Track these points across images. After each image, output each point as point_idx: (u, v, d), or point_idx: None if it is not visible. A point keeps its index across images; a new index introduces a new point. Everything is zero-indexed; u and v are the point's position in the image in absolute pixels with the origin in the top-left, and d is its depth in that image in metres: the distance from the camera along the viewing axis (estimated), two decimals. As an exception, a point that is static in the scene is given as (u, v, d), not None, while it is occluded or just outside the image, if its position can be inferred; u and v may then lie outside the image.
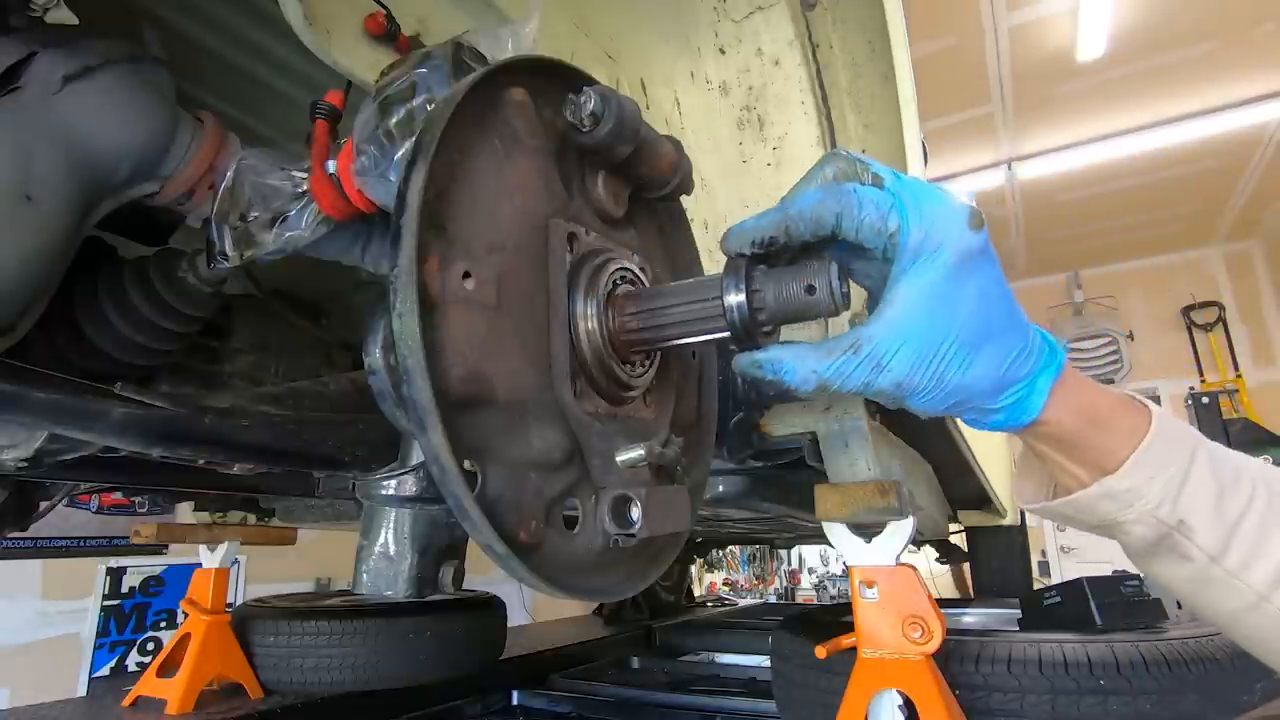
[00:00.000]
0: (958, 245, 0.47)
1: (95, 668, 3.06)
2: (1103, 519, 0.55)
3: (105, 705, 2.02)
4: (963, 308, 0.48)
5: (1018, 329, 0.50)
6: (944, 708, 0.97)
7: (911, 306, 0.47)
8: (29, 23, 0.67)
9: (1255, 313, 7.42)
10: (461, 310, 0.47)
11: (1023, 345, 0.50)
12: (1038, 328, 0.53)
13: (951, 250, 0.47)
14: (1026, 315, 0.52)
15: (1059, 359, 0.52)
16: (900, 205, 0.47)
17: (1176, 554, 0.53)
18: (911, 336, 0.47)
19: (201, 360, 1.06)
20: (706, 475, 0.77)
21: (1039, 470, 0.63)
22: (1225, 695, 1.18)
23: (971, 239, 0.47)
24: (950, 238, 0.47)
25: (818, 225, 0.48)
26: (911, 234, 0.47)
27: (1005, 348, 0.50)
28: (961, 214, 0.47)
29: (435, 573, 0.69)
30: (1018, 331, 0.50)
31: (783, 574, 7.70)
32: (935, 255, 0.47)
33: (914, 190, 0.48)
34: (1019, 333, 0.50)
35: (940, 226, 0.47)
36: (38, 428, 0.77)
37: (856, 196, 0.47)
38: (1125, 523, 0.54)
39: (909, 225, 0.47)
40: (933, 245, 0.47)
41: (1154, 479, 0.52)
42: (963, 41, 4.73)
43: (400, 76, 0.64)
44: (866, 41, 1.20)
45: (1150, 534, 0.53)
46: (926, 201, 0.48)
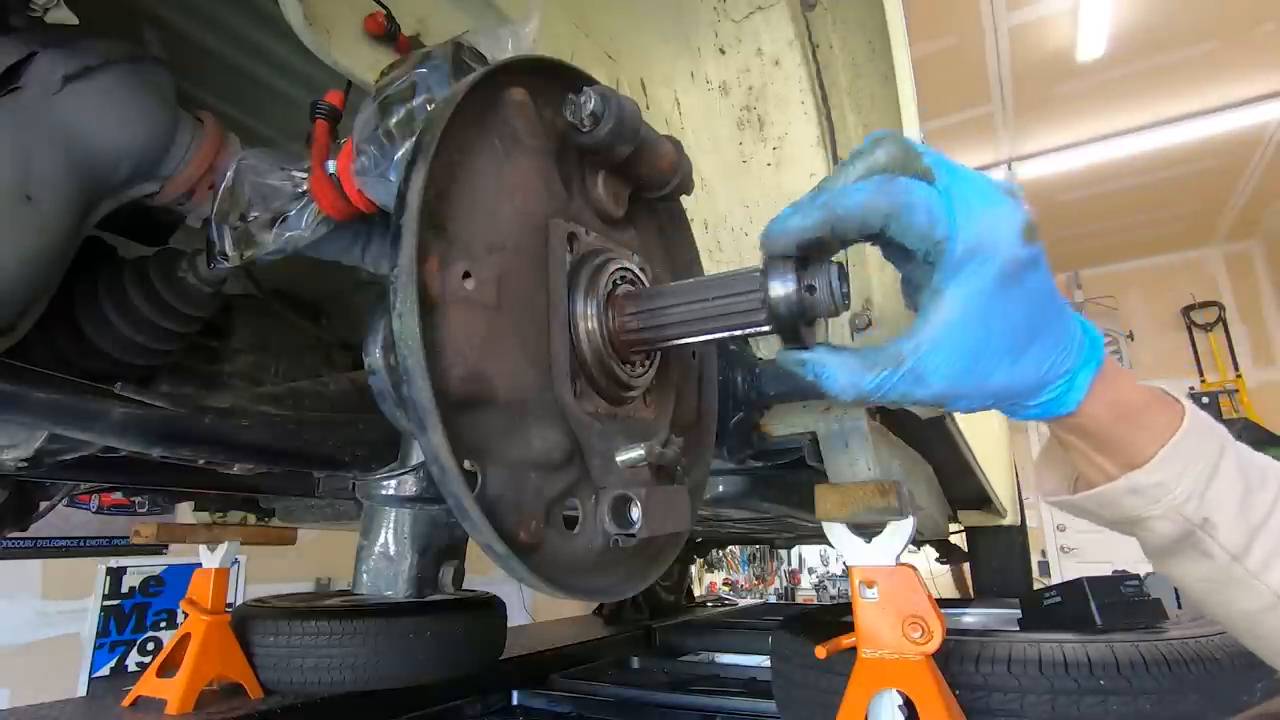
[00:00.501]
0: (1007, 256, 0.44)
1: (95, 668, 3.06)
2: (1126, 514, 0.54)
3: (105, 705, 2.02)
4: (1009, 317, 0.45)
5: (1062, 326, 0.48)
6: (944, 708, 0.97)
7: (956, 321, 0.44)
8: (29, 23, 0.67)
9: (1255, 313, 7.42)
10: (461, 310, 0.47)
11: (1066, 343, 0.49)
12: (1079, 317, 0.51)
13: (1000, 262, 0.44)
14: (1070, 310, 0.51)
15: (1099, 354, 0.50)
16: (950, 210, 0.44)
17: (1198, 551, 0.53)
18: (955, 351, 0.45)
19: (201, 360, 1.06)
20: (706, 475, 0.77)
21: (1062, 461, 0.61)
22: (1225, 695, 1.18)
23: (1023, 251, 0.44)
24: (1000, 249, 0.44)
25: (865, 226, 0.45)
26: (959, 244, 0.44)
27: (1049, 348, 0.48)
28: (1016, 223, 0.44)
29: (435, 573, 0.69)
30: (1062, 329, 0.49)
31: (783, 574, 7.70)
32: (983, 266, 0.44)
33: (966, 190, 0.45)
34: (1063, 330, 0.49)
35: (991, 235, 0.44)
36: (38, 428, 0.77)
37: (907, 198, 0.44)
38: (1149, 519, 0.53)
39: (957, 233, 0.44)
40: (981, 256, 0.44)
41: (1183, 474, 0.51)
42: (963, 41, 4.73)
43: (400, 76, 0.65)
44: (866, 41, 1.20)
45: (1173, 530, 0.53)
46: (979, 204, 0.44)
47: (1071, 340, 0.49)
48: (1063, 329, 0.49)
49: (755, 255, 1.36)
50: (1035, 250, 0.44)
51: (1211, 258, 7.69)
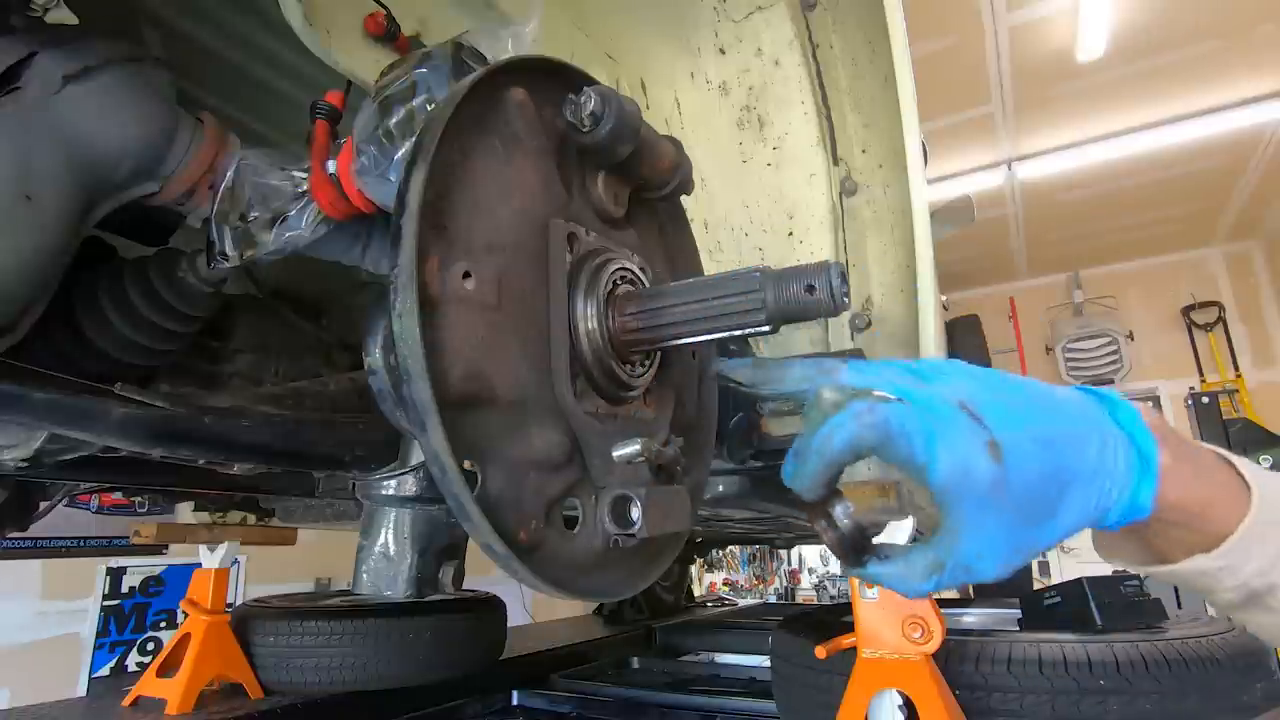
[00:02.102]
0: (983, 478, 0.44)
1: (95, 668, 3.06)
2: (1194, 588, 0.55)
3: (105, 705, 2.02)
4: (1020, 503, 0.46)
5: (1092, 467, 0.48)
6: (944, 708, 0.97)
7: (970, 531, 0.45)
8: (29, 23, 0.68)
9: (1255, 313, 7.41)
10: (461, 310, 0.47)
11: (1104, 477, 0.48)
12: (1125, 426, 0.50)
13: (979, 483, 0.44)
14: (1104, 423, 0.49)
15: (1152, 470, 0.49)
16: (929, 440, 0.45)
17: (1264, 607, 0.54)
18: (987, 547, 0.46)
19: (201, 360, 1.06)
20: (706, 475, 0.77)
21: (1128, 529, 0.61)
22: (1225, 695, 1.18)
23: (996, 470, 0.44)
24: (976, 473, 0.44)
25: (856, 458, 0.47)
26: (939, 472, 0.44)
27: (1085, 493, 0.48)
28: (980, 449, 0.45)
29: (435, 573, 0.69)
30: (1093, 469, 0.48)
31: (783, 574, 7.70)
32: (967, 482, 0.44)
33: (934, 421, 0.45)
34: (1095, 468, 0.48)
35: (964, 464, 0.44)
36: (38, 428, 0.77)
37: (886, 431, 0.45)
38: (1216, 590, 0.54)
39: (935, 463, 0.45)
40: (961, 479, 0.44)
41: (1249, 557, 0.51)
42: (963, 41, 4.73)
43: (400, 76, 0.65)
44: (866, 42, 1.20)
45: (1240, 597, 0.54)
46: (947, 432, 0.45)
47: (1111, 470, 0.48)
48: (1095, 469, 0.48)
49: (755, 255, 1.37)
50: (1002, 470, 0.45)
51: (1211, 258, 7.68)
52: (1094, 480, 0.48)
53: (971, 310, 7.02)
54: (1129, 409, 0.51)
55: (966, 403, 0.46)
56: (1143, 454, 0.49)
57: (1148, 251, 7.76)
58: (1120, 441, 0.49)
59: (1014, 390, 0.49)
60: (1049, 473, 0.46)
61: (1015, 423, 0.46)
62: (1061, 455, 0.47)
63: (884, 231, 1.24)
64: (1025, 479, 0.45)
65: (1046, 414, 0.48)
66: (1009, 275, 8.37)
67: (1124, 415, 0.51)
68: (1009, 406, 0.47)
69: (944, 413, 0.45)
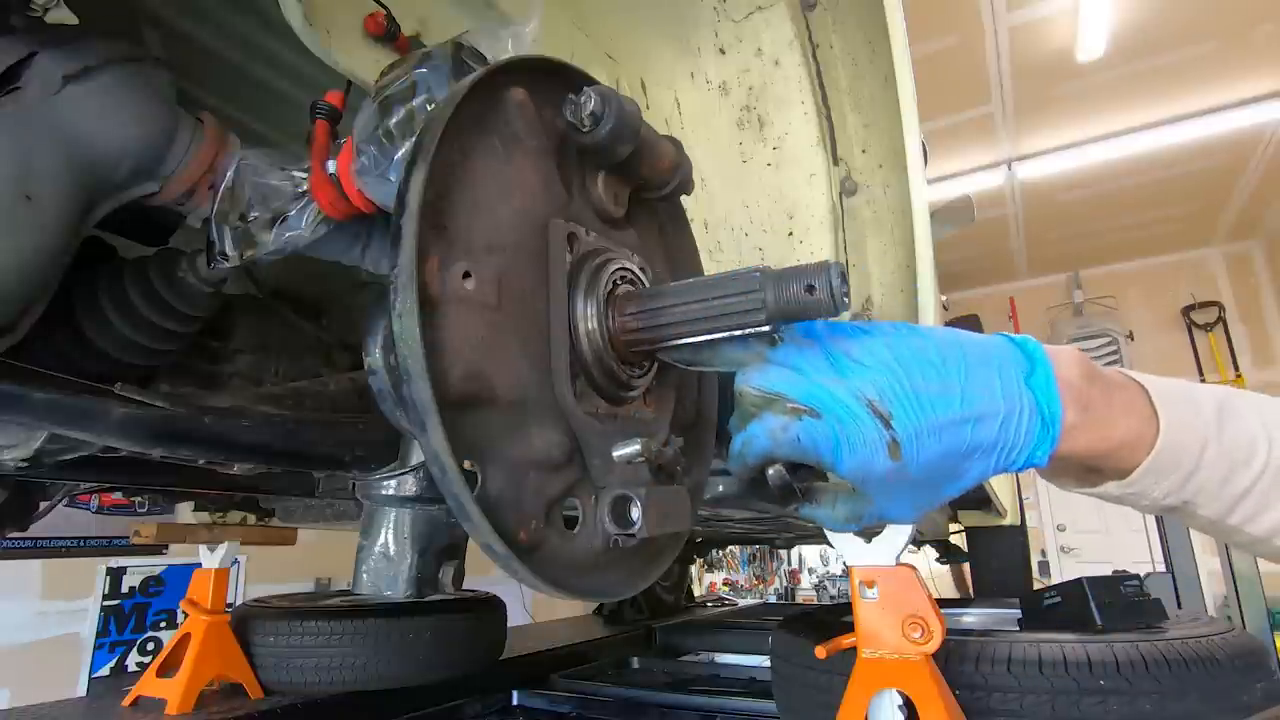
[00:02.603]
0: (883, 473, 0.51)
1: (95, 668, 3.06)
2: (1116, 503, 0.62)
3: (105, 705, 2.02)
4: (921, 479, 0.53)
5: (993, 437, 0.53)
6: (944, 708, 0.97)
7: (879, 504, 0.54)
8: (29, 23, 0.68)
9: (1255, 313, 7.41)
10: (461, 310, 0.47)
11: (1005, 451, 0.54)
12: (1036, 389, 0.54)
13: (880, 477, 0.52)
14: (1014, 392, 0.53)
15: (1052, 435, 0.54)
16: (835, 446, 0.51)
17: (1182, 515, 0.60)
18: (899, 510, 0.55)
19: (201, 360, 1.06)
20: (706, 475, 0.77)
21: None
22: (1225, 695, 1.18)
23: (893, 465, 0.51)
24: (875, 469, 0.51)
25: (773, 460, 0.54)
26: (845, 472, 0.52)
27: (985, 461, 0.54)
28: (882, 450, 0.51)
29: (435, 573, 0.69)
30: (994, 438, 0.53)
31: (783, 574, 7.70)
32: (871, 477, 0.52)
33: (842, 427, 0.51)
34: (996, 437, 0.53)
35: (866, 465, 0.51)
36: (38, 428, 0.77)
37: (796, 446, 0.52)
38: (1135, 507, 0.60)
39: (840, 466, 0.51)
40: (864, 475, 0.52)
41: (1155, 486, 0.57)
42: (963, 41, 4.73)
43: (400, 76, 0.65)
44: (866, 42, 1.20)
45: (1155, 510, 0.60)
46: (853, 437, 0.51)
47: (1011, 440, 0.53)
48: (994, 441, 0.53)
49: (755, 255, 1.37)
50: (901, 463, 0.51)
51: (1211, 258, 7.69)
52: (993, 450, 0.53)
53: (971, 310, 7.02)
54: (1044, 371, 0.55)
55: (875, 400, 0.51)
56: (1046, 421, 0.54)
57: (1148, 251, 7.76)
58: (1026, 409, 0.54)
59: (928, 372, 0.53)
60: (949, 452, 0.52)
61: (920, 413, 0.51)
62: (962, 436, 0.52)
63: (884, 231, 1.24)
64: (923, 464, 0.52)
65: (954, 398, 0.52)
66: (1009, 275, 8.37)
67: (1039, 377, 0.55)
68: (918, 396, 0.52)
69: (851, 418, 0.51)
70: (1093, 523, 7.42)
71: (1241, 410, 0.58)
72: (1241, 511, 0.57)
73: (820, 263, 0.50)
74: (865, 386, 0.51)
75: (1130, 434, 0.56)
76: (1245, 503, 0.57)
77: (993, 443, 0.53)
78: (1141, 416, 0.57)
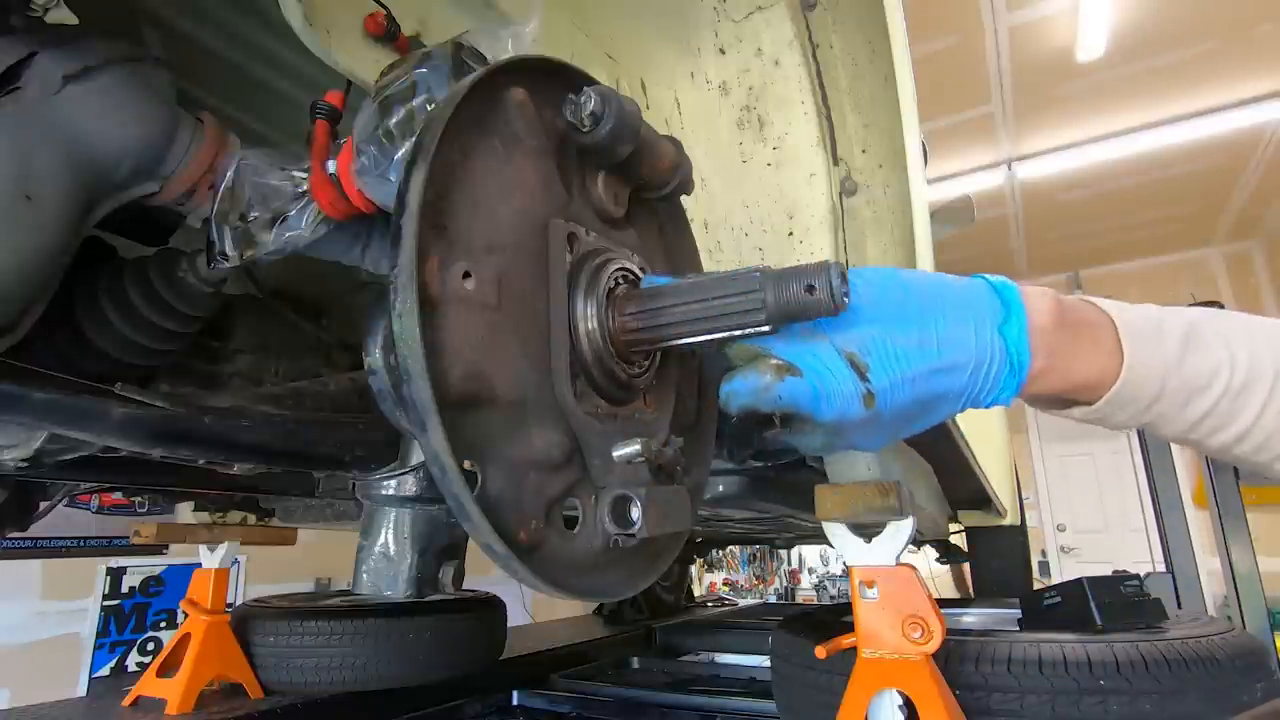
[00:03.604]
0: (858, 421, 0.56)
1: (95, 668, 3.06)
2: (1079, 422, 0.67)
3: (105, 705, 2.02)
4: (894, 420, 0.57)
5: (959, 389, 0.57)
6: (944, 708, 0.97)
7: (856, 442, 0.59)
8: (29, 23, 0.68)
9: (1255, 313, 7.40)
10: (461, 310, 0.47)
11: (972, 395, 0.58)
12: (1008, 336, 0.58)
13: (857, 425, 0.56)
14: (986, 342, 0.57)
15: (1018, 380, 0.58)
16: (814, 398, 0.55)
17: (1148, 431, 0.66)
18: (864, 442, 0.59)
19: (201, 360, 1.06)
20: (706, 475, 0.77)
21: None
22: (1225, 695, 1.18)
23: (868, 413, 0.55)
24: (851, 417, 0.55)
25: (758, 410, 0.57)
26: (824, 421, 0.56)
27: (954, 404, 0.58)
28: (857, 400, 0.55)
29: (435, 573, 0.69)
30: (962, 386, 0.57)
31: (783, 574, 7.70)
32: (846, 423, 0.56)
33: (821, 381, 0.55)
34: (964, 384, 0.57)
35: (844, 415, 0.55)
36: (38, 428, 0.77)
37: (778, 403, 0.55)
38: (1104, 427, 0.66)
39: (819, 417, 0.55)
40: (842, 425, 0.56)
41: (1119, 411, 0.62)
42: (963, 41, 4.73)
43: (400, 76, 0.65)
44: (866, 42, 1.20)
45: (1122, 428, 0.66)
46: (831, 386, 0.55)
47: (980, 385, 0.58)
48: (963, 389, 0.57)
49: (755, 255, 1.37)
50: (875, 410, 0.55)
51: (1211, 258, 7.69)
52: (961, 396, 0.58)
53: (971, 310, 7.00)
54: (1019, 319, 0.58)
55: (856, 354, 0.55)
56: (1014, 367, 0.58)
57: (1148, 251, 7.76)
58: (997, 358, 0.57)
59: (907, 326, 0.56)
60: (919, 399, 0.56)
61: (895, 366, 0.55)
62: (934, 385, 0.56)
63: (884, 231, 1.24)
64: (894, 410, 0.56)
65: (930, 350, 0.56)
66: (1009, 275, 8.36)
67: (1012, 325, 0.58)
68: (895, 348, 0.55)
69: (830, 374, 0.54)
70: (1093, 523, 7.42)
71: (1206, 337, 0.62)
72: (1201, 430, 0.63)
73: (820, 263, 0.50)
74: (846, 340, 0.55)
75: (1093, 374, 0.61)
76: (1204, 423, 0.62)
77: (961, 389, 0.57)
78: (1107, 354, 0.61)
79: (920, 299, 0.57)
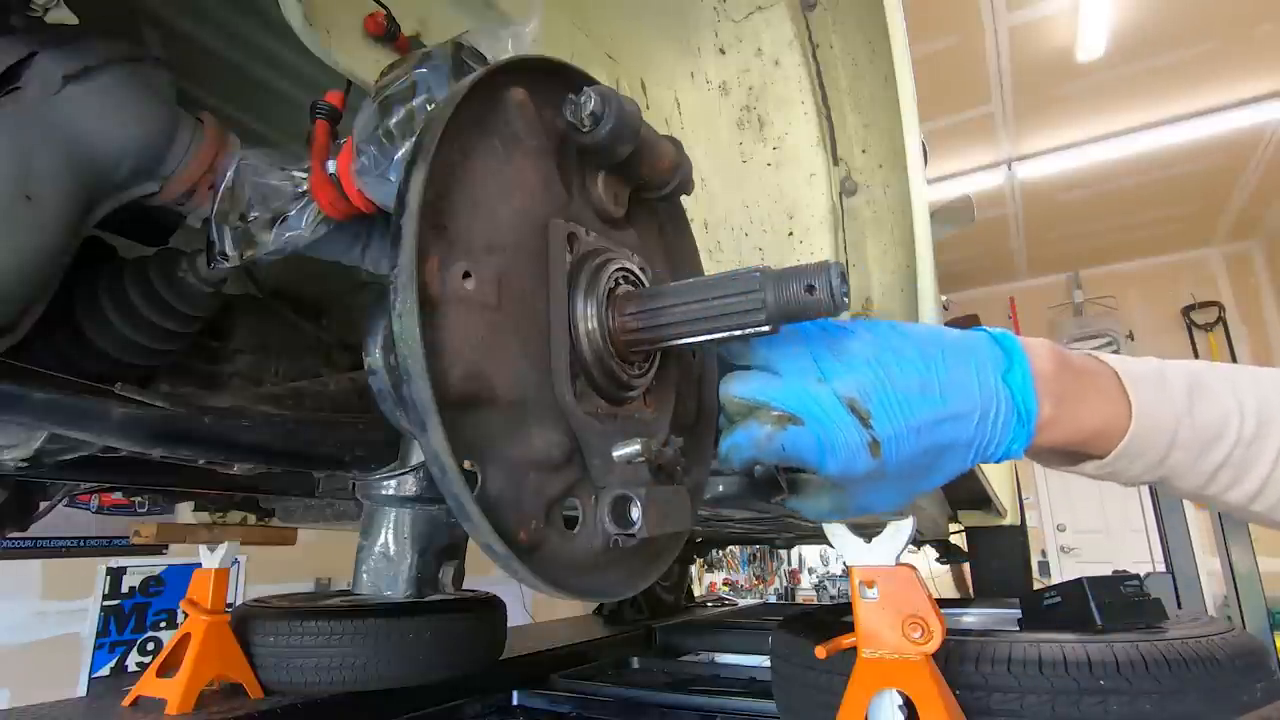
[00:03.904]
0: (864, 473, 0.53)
1: (95, 668, 3.06)
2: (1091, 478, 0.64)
3: (105, 705, 2.02)
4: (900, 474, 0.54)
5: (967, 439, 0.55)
6: (944, 708, 0.97)
7: (864, 499, 0.56)
8: (29, 23, 0.68)
9: (1255, 313, 7.42)
10: (461, 310, 0.47)
11: (981, 446, 0.55)
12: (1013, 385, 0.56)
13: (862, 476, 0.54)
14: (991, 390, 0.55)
15: (1028, 429, 0.56)
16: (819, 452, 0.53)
17: (1164, 487, 0.64)
18: (882, 502, 0.56)
19: (201, 360, 1.06)
20: (706, 475, 0.77)
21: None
22: (1225, 695, 1.18)
23: (874, 464, 0.53)
24: (858, 469, 0.53)
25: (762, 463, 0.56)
26: (829, 473, 0.53)
27: (962, 457, 0.56)
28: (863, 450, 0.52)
29: (435, 573, 0.69)
30: (970, 436, 0.55)
31: (783, 574, 7.70)
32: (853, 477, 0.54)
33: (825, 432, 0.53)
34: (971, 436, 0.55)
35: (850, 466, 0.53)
36: (38, 428, 0.77)
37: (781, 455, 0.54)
38: (1117, 482, 0.63)
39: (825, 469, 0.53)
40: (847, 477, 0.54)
41: (1131, 466, 0.60)
42: (963, 41, 4.74)
43: (400, 76, 0.65)
44: (866, 42, 1.20)
45: (1138, 483, 0.63)
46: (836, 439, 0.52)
47: (988, 436, 0.55)
48: (971, 439, 0.55)
49: (755, 255, 1.37)
50: (881, 461, 0.53)
51: (1211, 258, 7.69)
52: (970, 446, 0.55)
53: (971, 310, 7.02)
54: (1022, 367, 0.56)
55: (857, 399, 0.53)
56: (1022, 417, 0.56)
57: (1148, 251, 7.76)
58: (1003, 406, 0.55)
59: (907, 371, 0.54)
60: (927, 449, 0.54)
61: (899, 414, 0.53)
62: (940, 434, 0.54)
63: (884, 231, 1.24)
64: (902, 461, 0.53)
65: (933, 397, 0.54)
66: (1009, 275, 8.37)
67: (1015, 373, 0.56)
68: (898, 396, 0.53)
69: (833, 422, 0.52)
70: (1093, 523, 7.42)
71: (1212, 386, 0.60)
72: (1219, 482, 0.60)
73: (820, 263, 0.50)
74: (846, 387, 0.53)
75: (1103, 422, 0.58)
76: (1221, 474, 0.59)
77: (969, 439, 0.55)
78: (1114, 403, 0.59)
79: (919, 345, 0.55)
